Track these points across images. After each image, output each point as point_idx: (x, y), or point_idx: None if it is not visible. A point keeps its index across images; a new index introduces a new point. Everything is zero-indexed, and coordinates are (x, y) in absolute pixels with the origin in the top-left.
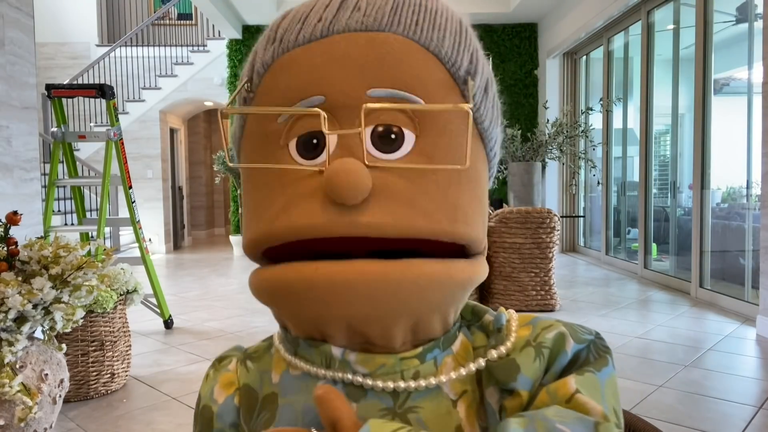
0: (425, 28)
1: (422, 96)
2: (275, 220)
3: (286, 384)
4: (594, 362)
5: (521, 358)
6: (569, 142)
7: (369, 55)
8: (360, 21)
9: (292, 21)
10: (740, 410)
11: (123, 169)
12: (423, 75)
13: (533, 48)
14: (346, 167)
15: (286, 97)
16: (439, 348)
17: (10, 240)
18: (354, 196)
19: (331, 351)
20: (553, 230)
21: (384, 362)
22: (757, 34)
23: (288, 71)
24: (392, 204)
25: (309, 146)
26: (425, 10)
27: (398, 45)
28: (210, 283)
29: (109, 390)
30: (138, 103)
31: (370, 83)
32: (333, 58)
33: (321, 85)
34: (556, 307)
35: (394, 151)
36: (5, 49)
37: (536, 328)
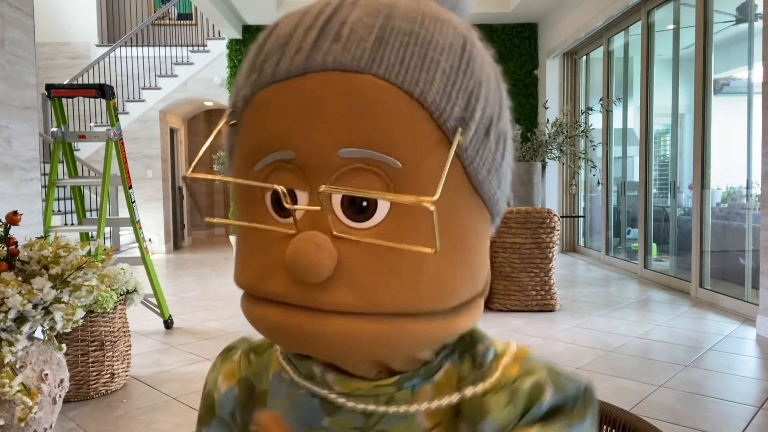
0: (411, 68)
1: (399, 157)
2: (244, 274)
3: (276, 386)
4: (569, 415)
5: (493, 401)
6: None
7: (343, 107)
8: (337, 58)
9: (273, 45)
10: (740, 410)
11: (123, 169)
12: (402, 131)
13: (533, 48)
14: (305, 247)
15: (261, 144)
16: (419, 377)
17: (10, 240)
18: (314, 277)
19: (312, 367)
20: (553, 230)
21: (359, 386)
22: (757, 34)
23: (262, 114)
24: (356, 283)
25: (279, 204)
26: (415, 41)
27: (376, 93)
28: (210, 283)
29: (109, 390)
30: (138, 103)
31: (342, 142)
32: (305, 106)
33: (292, 139)
34: (556, 307)
35: (365, 220)
36: (5, 49)
37: (522, 369)
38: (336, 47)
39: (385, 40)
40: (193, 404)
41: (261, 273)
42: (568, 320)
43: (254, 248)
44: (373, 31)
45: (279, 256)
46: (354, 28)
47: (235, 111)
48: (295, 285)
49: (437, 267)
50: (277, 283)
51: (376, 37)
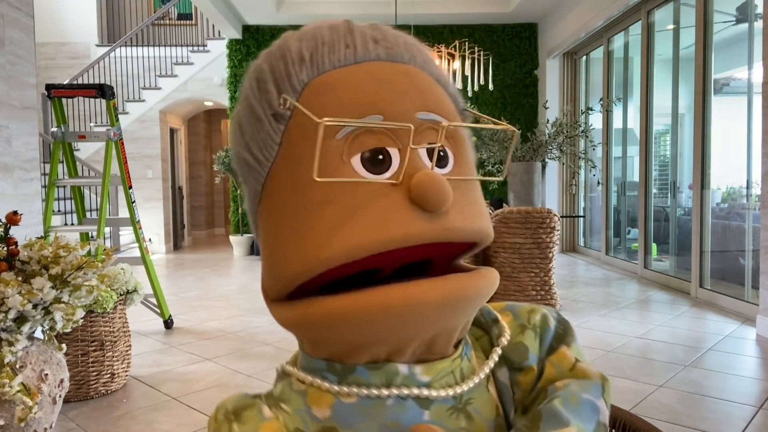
0: (432, 66)
1: (451, 120)
2: (368, 233)
3: (344, 414)
4: (566, 333)
5: (527, 341)
6: (569, 142)
7: (408, 82)
8: (385, 53)
9: (316, 45)
10: (740, 410)
11: (123, 169)
12: (446, 102)
13: (533, 48)
14: (435, 179)
15: (342, 113)
16: (467, 345)
17: (10, 240)
18: (445, 204)
19: (398, 368)
20: (553, 230)
21: (443, 367)
22: (757, 34)
23: (335, 91)
24: (462, 211)
25: (376, 161)
26: (426, 52)
27: (423, 77)
28: (210, 283)
29: (109, 390)
30: (138, 103)
31: (418, 106)
32: (378, 81)
33: (377, 105)
34: (556, 307)
35: (444, 167)
36: (5, 49)
37: (519, 313)
38: (380, 46)
39: (409, 46)
40: (193, 404)
41: (375, 225)
42: (568, 320)
43: (348, 211)
44: (398, 39)
45: (392, 204)
46: (384, 36)
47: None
48: (422, 220)
49: (482, 200)
50: (404, 223)
51: (403, 43)
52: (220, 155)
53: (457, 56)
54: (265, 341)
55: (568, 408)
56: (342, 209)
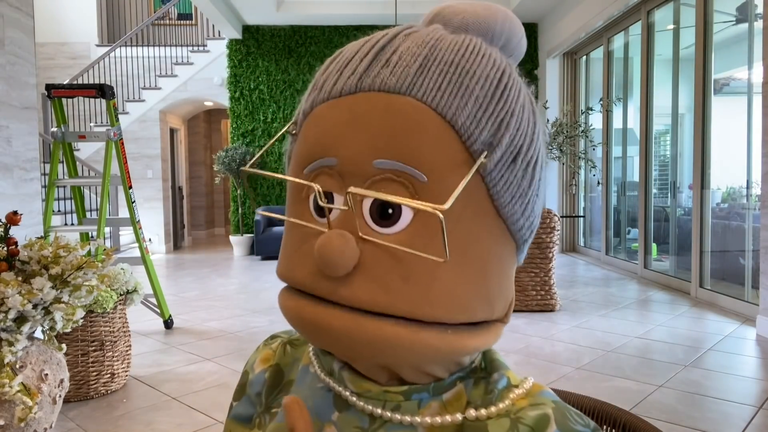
0: (447, 94)
1: (426, 171)
2: (283, 265)
3: (302, 377)
4: None
5: (494, 427)
6: (569, 142)
7: (383, 123)
8: (384, 81)
9: (335, 67)
10: (740, 410)
11: (123, 169)
12: (431, 149)
13: (533, 48)
14: (330, 243)
15: (310, 151)
16: (428, 393)
17: (10, 240)
18: (335, 269)
19: (332, 363)
20: (553, 230)
21: (370, 388)
22: (757, 34)
23: (315, 125)
24: (373, 283)
25: (317, 205)
26: (454, 70)
27: (413, 113)
28: (210, 283)
29: (109, 390)
30: (138, 103)
31: (378, 153)
32: (351, 120)
33: (336, 147)
34: (556, 307)
35: (390, 225)
36: (5, 49)
37: (531, 402)
38: (385, 72)
39: (427, 67)
40: (193, 404)
41: (293, 264)
42: (568, 320)
43: (294, 242)
44: (418, 59)
45: (310, 250)
46: (402, 55)
47: (297, 122)
48: (320, 277)
49: (450, 279)
50: (304, 274)
51: (419, 65)
52: (220, 155)
53: None
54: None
55: None
56: (294, 241)
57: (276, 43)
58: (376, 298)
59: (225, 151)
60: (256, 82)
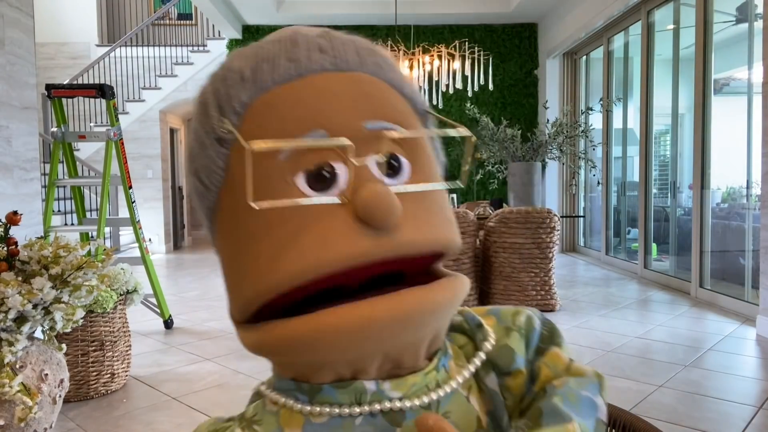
0: (386, 70)
1: (405, 127)
2: (309, 256)
3: None
4: (553, 333)
5: (513, 343)
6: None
7: (355, 91)
8: (332, 63)
9: (255, 61)
10: (740, 410)
11: (123, 169)
12: (400, 108)
13: (533, 48)
14: (379, 194)
15: (285, 133)
16: (444, 355)
17: (10, 240)
18: (391, 219)
19: (364, 386)
20: (553, 230)
21: (414, 381)
22: (757, 34)
23: (276, 109)
24: (415, 223)
25: (321, 178)
26: (376, 53)
27: (376, 82)
28: (210, 283)
29: (109, 390)
30: (138, 103)
31: (365, 116)
32: (322, 94)
33: (319, 119)
34: (557, 307)
35: (398, 177)
36: (5, 49)
37: (503, 316)
38: (325, 57)
39: (360, 51)
40: (193, 404)
41: (322, 245)
42: (568, 320)
43: (291, 234)
44: (348, 46)
45: (339, 222)
46: (332, 44)
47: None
48: (368, 238)
49: (447, 208)
50: (351, 242)
51: (352, 49)
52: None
53: (457, 56)
54: None
55: (568, 405)
56: (286, 232)
57: None
58: (428, 236)
59: None
60: None
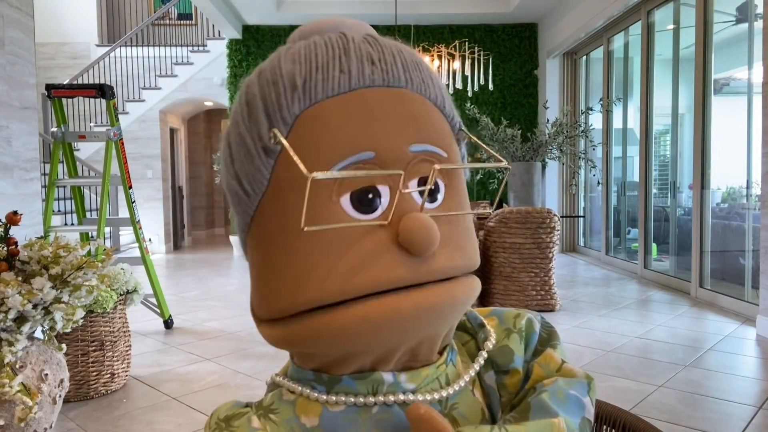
0: (430, 86)
1: (444, 148)
2: (352, 279)
3: (331, 422)
4: (551, 336)
5: (512, 344)
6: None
7: (403, 111)
8: (382, 77)
9: (309, 70)
10: (740, 410)
11: (123, 169)
12: (442, 129)
13: (533, 48)
14: (422, 224)
15: (334, 151)
16: (453, 351)
17: (10, 240)
18: (431, 248)
19: (382, 377)
20: (553, 230)
21: (427, 373)
22: (757, 34)
23: (326, 124)
24: (450, 249)
25: (365, 200)
26: (425, 68)
27: (421, 102)
28: (210, 283)
29: (109, 390)
30: (138, 103)
31: (411, 139)
32: (371, 113)
33: (370, 141)
34: (556, 307)
35: (434, 201)
36: (5, 49)
37: (504, 318)
38: (376, 69)
39: (407, 65)
40: (193, 404)
41: (362, 268)
42: (568, 320)
43: (339, 251)
44: (396, 58)
45: (380, 246)
46: (379, 56)
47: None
48: (406, 265)
49: (472, 230)
50: (391, 268)
51: (400, 63)
52: (220, 155)
53: (457, 56)
54: (264, 341)
55: (556, 401)
56: (331, 252)
57: (276, 43)
58: (458, 262)
59: None
60: None
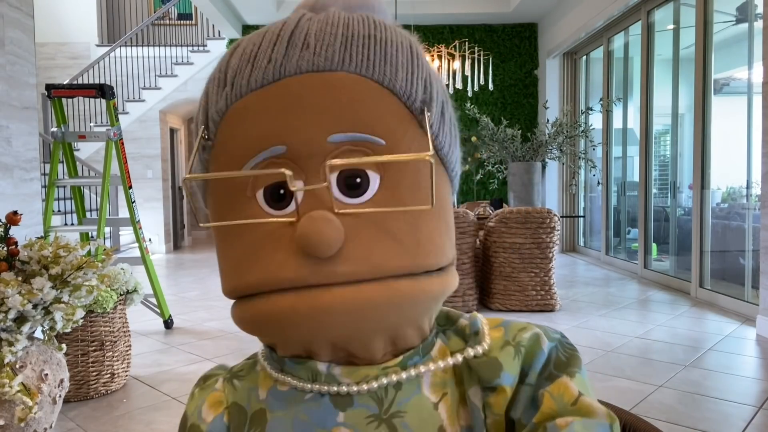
0: (377, 63)
1: (382, 135)
2: (249, 273)
3: (275, 399)
4: (570, 361)
5: (503, 357)
6: (569, 142)
7: (325, 99)
8: (311, 61)
9: (241, 61)
10: (740, 410)
11: (123, 169)
12: (381, 113)
13: (533, 48)
14: (316, 223)
15: (247, 147)
16: (419, 355)
17: (10, 240)
18: (328, 250)
19: (317, 366)
20: (553, 230)
21: (367, 373)
22: (757, 34)
23: (244, 120)
24: (365, 250)
25: (276, 196)
26: (375, 42)
27: (353, 84)
28: (210, 283)
29: (109, 390)
30: (138, 103)
31: (330, 129)
32: (289, 105)
33: (281, 135)
34: (556, 307)
35: (360, 195)
36: (5, 49)
37: (510, 329)
38: (307, 53)
39: (349, 43)
40: None
41: (271, 265)
42: (568, 320)
43: (252, 247)
44: (337, 37)
45: (283, 246)
46: (318, 36)
47: (209, 126)
48: (307, 265)
49: (428, 227)
50: (290, 268)
51: (341, 42)
52: None
53: (457, 56)
54: None
55: None
56: (237, 246)
57: None
58: (373, 265)
59: None
60: None
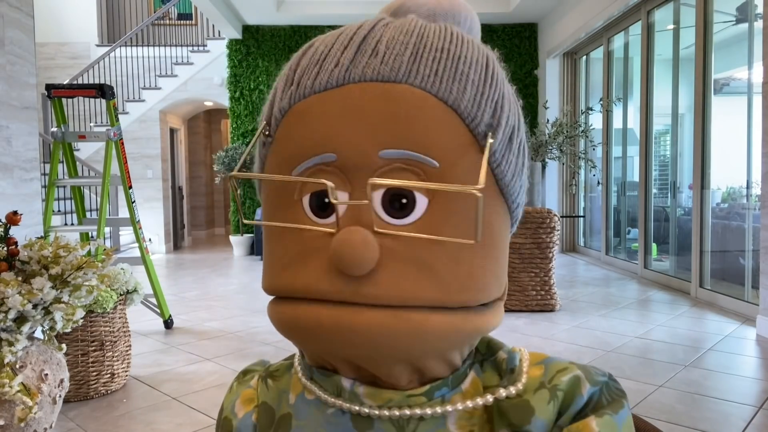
0: (445, 79)
1: (436, 157)
2: (283, 276)
3: (301, 407)
4: (610, 405)
5: (535, 401)
6: (569, 142)
7: (383, 112)
8: (376, 70)
9: (310, 61)
10: (740, 410)
11: (123, 169)
12: (438, 134)
13: (533, 48)
14: (351, 240)
15: (300, 150)
16: (448, 387)
17: (10, 240)
18: (358, 269)
19: (341, 382)
20: (553, 230)
21: (391, 398)
22: (757, 34)
23: (303, 122)
24: (399, 275)
25: (322, 204)
26: (447, 56)
27: (414, 99)
28: (210, 283)
29: (109, 390)
30: (138, 103)
31: (383, 143)
32: (346, 113)
33: (333, 142)
34: (556, 307)
35: (405, 216)
36: (5, 49)
37: (549, 369)
38: (374, 61)
39: (420, 54)
40: (193, 404)
41: (297, 272)
42: (568, 320)
43: (291, 250)
44: (408, 47)
45: (320, 256)
46: (389, 44)
47: (270, 123)
48: (338, 280)
49: (471, 262)
50: (316, 279)
51: (411, 52)
52: (220, 155)
53: None
54: (265, 341)
55: None
56: (285, 247)
57: (276, 43)
58: (403, 293)
59: (225, 151)
60: (256, 82)
